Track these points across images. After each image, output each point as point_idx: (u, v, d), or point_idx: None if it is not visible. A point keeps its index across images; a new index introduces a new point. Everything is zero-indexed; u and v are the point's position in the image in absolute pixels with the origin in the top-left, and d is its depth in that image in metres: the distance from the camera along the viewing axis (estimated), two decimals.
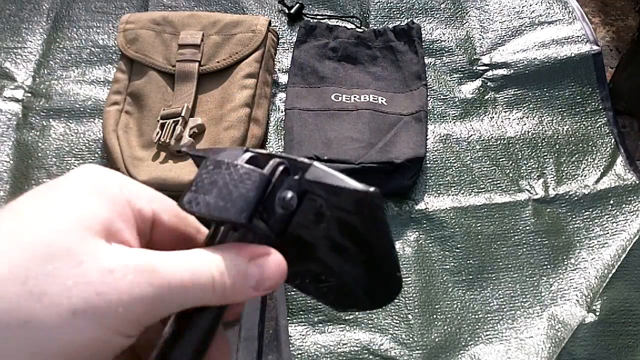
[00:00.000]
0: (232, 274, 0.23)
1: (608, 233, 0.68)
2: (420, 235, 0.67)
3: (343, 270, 0.29)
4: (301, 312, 0.62)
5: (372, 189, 0.26)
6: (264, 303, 0.58)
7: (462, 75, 0.80)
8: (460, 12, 0.86)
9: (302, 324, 0.62)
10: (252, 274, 0.23)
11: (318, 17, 0.86)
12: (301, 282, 0.30)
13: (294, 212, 0.28)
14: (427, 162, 0.73)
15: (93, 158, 0.72)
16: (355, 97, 0.76)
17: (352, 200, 0.27)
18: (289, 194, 0.27)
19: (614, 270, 0.65)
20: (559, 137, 0.76)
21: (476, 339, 0.61)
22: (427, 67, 0.80)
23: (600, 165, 0.73)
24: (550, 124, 0.77)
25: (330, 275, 0.30)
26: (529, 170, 0.73)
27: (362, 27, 0.84)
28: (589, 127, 0.77)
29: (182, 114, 0.69)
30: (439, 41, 0.83)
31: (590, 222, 0.69)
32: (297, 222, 0.28)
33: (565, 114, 0.78)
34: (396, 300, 0.63)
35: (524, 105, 0.78)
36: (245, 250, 0.24)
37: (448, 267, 0.66)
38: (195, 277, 0.22)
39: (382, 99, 0.76)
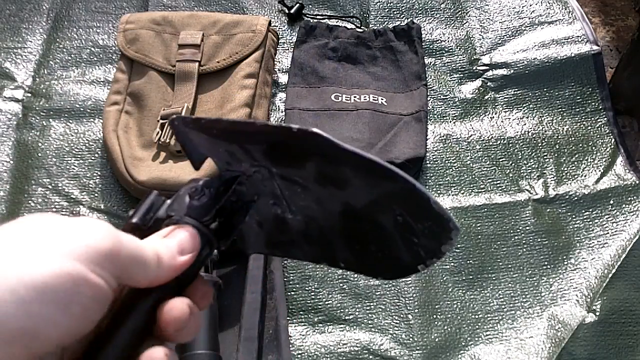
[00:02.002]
0: (159, 245, 0.28)
1: (608, 233, 0.68)
2: None
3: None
4: (301, 312, 0.62)
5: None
6: (264, 303, 0.58)
7: (462, 75, 0.80)
8: (460, 12, 0.86)
9: (302, 324, 0.62)
10: (171, 244, 0.29)
11: (318, 17, 0.85)
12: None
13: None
14: (427, 162, 0.73)
15: (93, 158, 0.72)
16: (355, 97, 0.76)
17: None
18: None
19: (614, 270, 0.65)
20: (559, 137, 0.76)
21: (476, 339, 0.61)
22: (427, 67, 0.80)
23: (600, 165, 0.73)
24: (550, 124, 0.77)
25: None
26: (529, 170, 0.73)
27: (362, 27, 0.84)
28: (589, 127, 0.77)
29: (182, 114, 0.69)
30: (439, 41, 0.83)
31: (590, 222, 0.69)
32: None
33: (565, 114, 0.78)
34: (396, 300, 0.63)
35: (524, 105, 0.78)
36: (161, 233, 0.30)
37: (448, 267, 0.66)
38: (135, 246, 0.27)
39: (382, 99, 0.76)
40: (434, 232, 0.32)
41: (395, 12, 0.86)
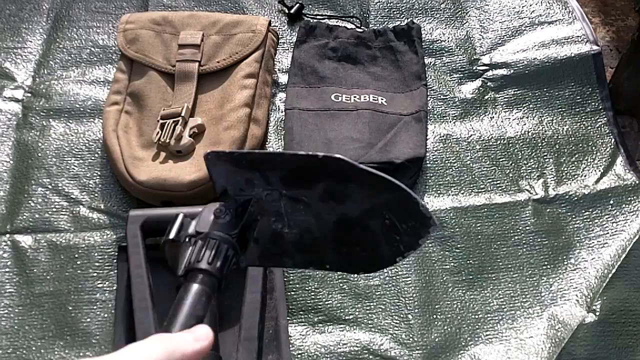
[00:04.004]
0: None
1: (608, 233, 0.68)
2: None
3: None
4: (301, 312, 0.62)
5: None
6: (264, 303, 0.58)
7: (462, 75, 0.80)
8: (460, 12, 0.86)
9: (302, 324, 0.62)
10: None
11: (318, 17, 0.86)
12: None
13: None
14: (427, 162, 0.73)
15: (93, 158, 0.72)
16: (355, 97, 0.76)
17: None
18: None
19: (614, 270, 0.65)
20: (559, 137, 0.76)
21: (476, 339, 0.61)
22: (427, 67, 0.80)
23: (600, 165, 0.73)
24: (550, 124, 0.77)
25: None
26: (529, 170, 0.73)
27: (362, 27, 0.84)
28: (589, 127, 0.77)
29: (182, 114, 0.69)
30: (439, 41, 0.83)
31: (590, 222, 0.69)
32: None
33: (565, 114, 0.78)
34: (396, 300, 0.63)
35: (524, 105, 0.78)
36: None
37: (448, 267, 0.66)
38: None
39: (382, 99, 0.76)
40: (415, 229, 0.38)
41: (395, 12, 0.86)
